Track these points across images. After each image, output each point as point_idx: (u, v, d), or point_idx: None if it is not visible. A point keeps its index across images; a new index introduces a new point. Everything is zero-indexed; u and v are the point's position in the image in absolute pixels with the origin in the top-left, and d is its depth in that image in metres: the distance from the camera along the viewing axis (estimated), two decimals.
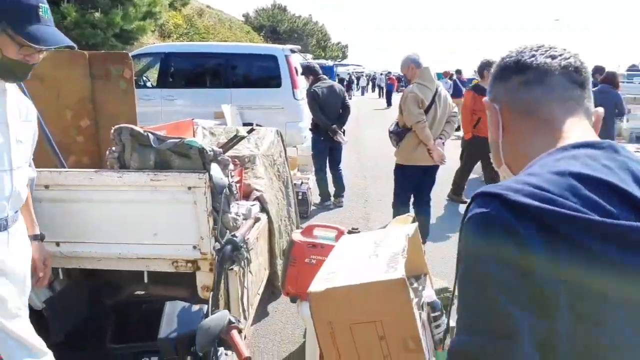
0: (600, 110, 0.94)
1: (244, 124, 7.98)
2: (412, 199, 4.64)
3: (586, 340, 0.72)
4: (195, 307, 1.68)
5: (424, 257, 1.83)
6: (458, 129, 7.08)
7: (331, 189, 6.50)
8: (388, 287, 1.35)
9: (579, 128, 0.87)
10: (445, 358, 1.50)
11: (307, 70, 6.72)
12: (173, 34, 20.91)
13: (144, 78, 9.31)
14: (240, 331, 1.52)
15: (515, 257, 0.69)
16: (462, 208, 6.16)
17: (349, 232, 2.47)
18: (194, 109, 7.50)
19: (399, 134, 4.33)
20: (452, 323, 2.21)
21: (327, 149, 6.29)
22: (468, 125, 6.15)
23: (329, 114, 6.10)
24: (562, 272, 0.69)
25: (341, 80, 23.41)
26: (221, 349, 1.67)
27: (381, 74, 36.30)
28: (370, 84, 37.73)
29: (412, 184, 4.46)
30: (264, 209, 3.30)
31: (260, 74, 8.39)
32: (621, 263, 0.70)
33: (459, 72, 15.36)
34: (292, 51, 8.63)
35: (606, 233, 0.69)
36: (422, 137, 4.16)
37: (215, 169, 1.80)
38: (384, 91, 30.55)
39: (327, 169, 6.44)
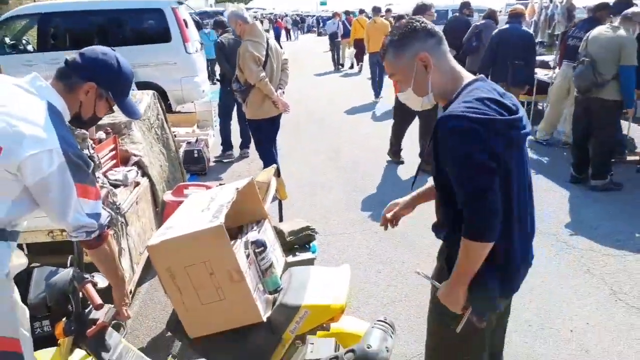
0: None
1: (137, 83, 7.83)
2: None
3: (506, 186, 1.44)
4: (61, 270, 1.90)
5: (262, 204, 2.16)
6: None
7: (238, 140, 6.68)
8: (209, 233, 1.65)
9: (461, 69, 1.59)
10: (270, 282, 1.85)
11: (216, 24, 7.04)
12: None
13: (24, 41, 8.71)
14: (95, 285, 1.78)
15: (481, 143, 1.37)
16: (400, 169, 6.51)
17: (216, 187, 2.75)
18: None
19: (244, 91, 4.62)
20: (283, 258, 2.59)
21: (233, 100, 6.28)
22: None
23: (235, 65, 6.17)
24: (497, 146, 1.39)
25: None
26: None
27: (286, 15, 35.66)
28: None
29: (269, 134, 4.92)
30: (145, 173, 3.47)
31: (147, 29, 8.12)
32: (511, 137, 1.43)
33: (347, 12, 16.40)
34: (179, 2, 8.41)
35: (507, 123, 1.42)
36: (267, 91, 4.52)
37: None
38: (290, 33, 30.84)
39: (235, 121, 6.60)
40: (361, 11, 12.80)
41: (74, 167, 1.61)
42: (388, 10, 12.82)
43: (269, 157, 4.92)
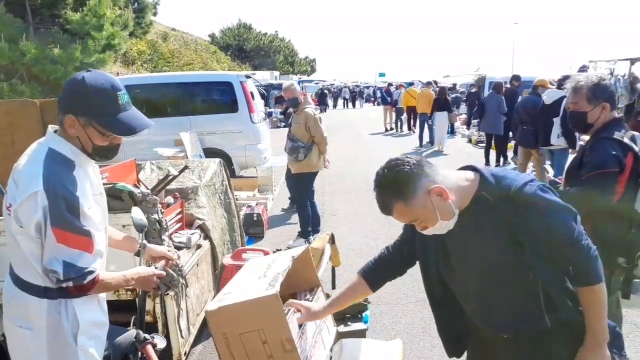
0: None
1: (205, 149, 8.35)
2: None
3: None
4: (125, 330, 2.01)
5: (315, 272, 2.20)
6: None
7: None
8: (264, 302, 1.71)
9: (455, 171, 1.63)
10: None
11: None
12: (137, 60, 21.14)
13: None
14: (154, 346, 1.86)
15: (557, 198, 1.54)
16: None
17: (274, 252, 2.84)
18: (156, 137, 7.81)
19: (308, 148, 5.48)
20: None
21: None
22: None
23: None
24: None
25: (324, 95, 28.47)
26: None
27: (345, 87, 37.31)
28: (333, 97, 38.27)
29: (312, 186, 5.74)
30: (207, 236, 3.64)
31: (217, 100, 8.75)
32: None
33: (390, 84, 19.99)
34: (247, 77, 9.04)
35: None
36: (323, 148, 5.52)
37: (135, 211, 2.13)
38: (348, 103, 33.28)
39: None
40: (428, 83, 14.44)
41: (54, 210, 1.57)
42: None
43: (305, 208, 5.62)
